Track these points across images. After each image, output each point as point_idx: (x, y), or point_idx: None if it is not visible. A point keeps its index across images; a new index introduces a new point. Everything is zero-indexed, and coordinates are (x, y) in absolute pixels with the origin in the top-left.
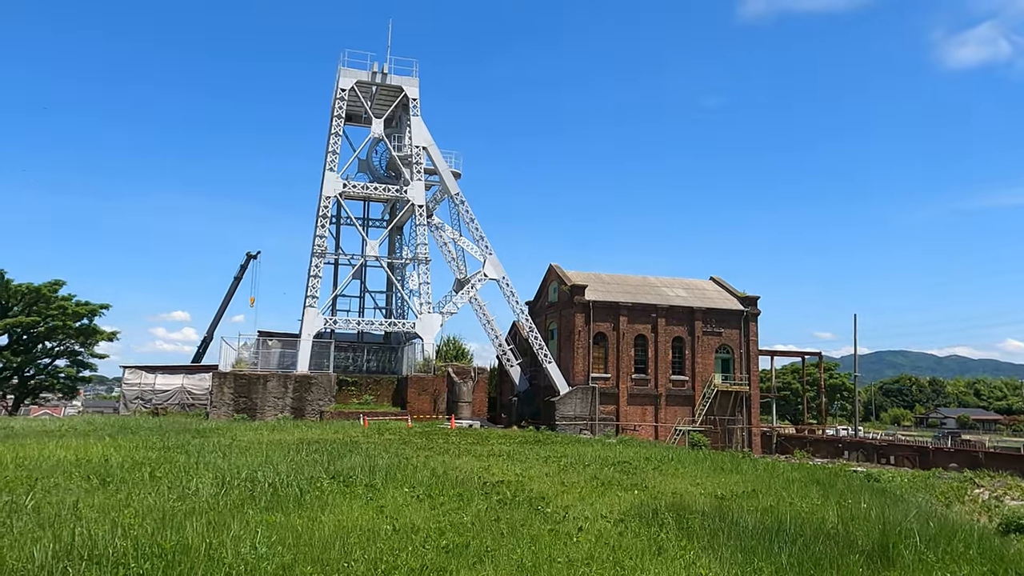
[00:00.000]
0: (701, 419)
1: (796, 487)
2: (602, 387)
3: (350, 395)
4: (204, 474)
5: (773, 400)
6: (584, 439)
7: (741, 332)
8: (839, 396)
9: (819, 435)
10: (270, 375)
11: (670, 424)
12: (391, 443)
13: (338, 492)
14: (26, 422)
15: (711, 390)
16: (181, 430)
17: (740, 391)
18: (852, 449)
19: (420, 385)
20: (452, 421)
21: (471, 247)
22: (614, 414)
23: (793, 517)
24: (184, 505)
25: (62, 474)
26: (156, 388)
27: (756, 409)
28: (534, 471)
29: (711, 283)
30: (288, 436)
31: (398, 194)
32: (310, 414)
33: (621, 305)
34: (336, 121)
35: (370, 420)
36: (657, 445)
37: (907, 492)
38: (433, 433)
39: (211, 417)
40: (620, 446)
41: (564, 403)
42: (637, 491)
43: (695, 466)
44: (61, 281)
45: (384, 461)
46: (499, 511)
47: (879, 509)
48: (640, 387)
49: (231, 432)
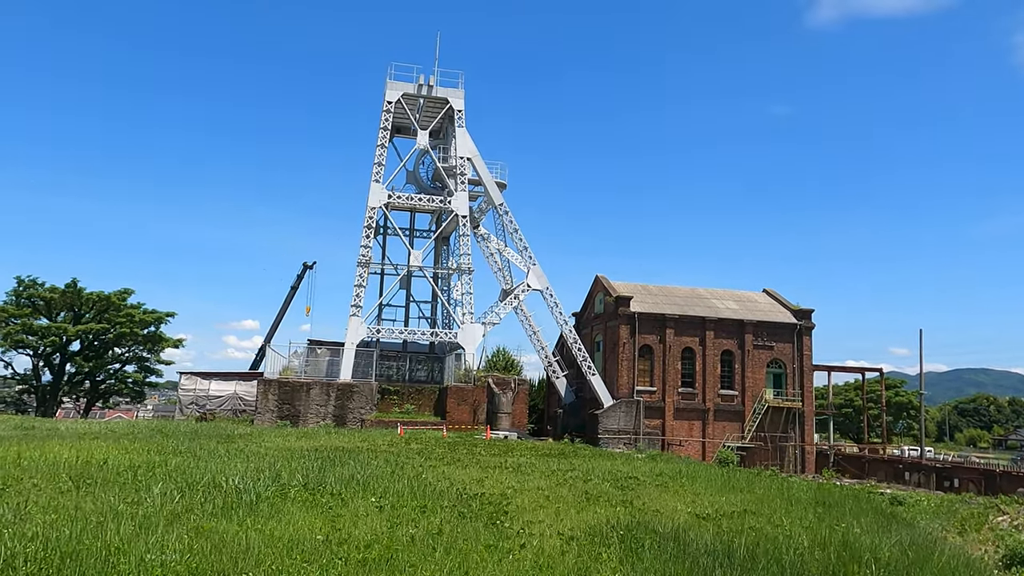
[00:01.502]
0: (751, 435)
1: (798, 508)
2: (647, 401)
3: (392, 404)
4: (175, 479)
5: (830, 417)
6: (615, 453)
7: (794, 346)
8: (905, 415)
9: (880, 455)
10: (313, 383)
11: (718, 440)
12: (410, 452)
13: (300, 501)
14: (77, 424)
15: (762, 405)
16: (213, 435)
17: (793, 407)
18: (913, 471)
19: (460, 395)
20: (488, 432)
21: (515, 257)
22: (660, 428)
23: (764, 540)
24: (131, 509)
25: (46, 475)
26: (210, 394)
27: (810, 426)
28: (530, 484)
29: (763, 295)
30: (311, 443)
31: (443, 205)
32: (351, 422)
33: (667, 317)
34: (382, 133)
35: (407, 429)
36: (688, 461)
37: (924, 518)
38: (462, 444)
39: (256, 423)
40: (645, 461)
41: (607, 416)
42: (620, 508)
43: (705, 483)
44: (130, 290)
45: (377, 470)
46: (452, 524)
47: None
48: (687, 401)
49: (259, 438)
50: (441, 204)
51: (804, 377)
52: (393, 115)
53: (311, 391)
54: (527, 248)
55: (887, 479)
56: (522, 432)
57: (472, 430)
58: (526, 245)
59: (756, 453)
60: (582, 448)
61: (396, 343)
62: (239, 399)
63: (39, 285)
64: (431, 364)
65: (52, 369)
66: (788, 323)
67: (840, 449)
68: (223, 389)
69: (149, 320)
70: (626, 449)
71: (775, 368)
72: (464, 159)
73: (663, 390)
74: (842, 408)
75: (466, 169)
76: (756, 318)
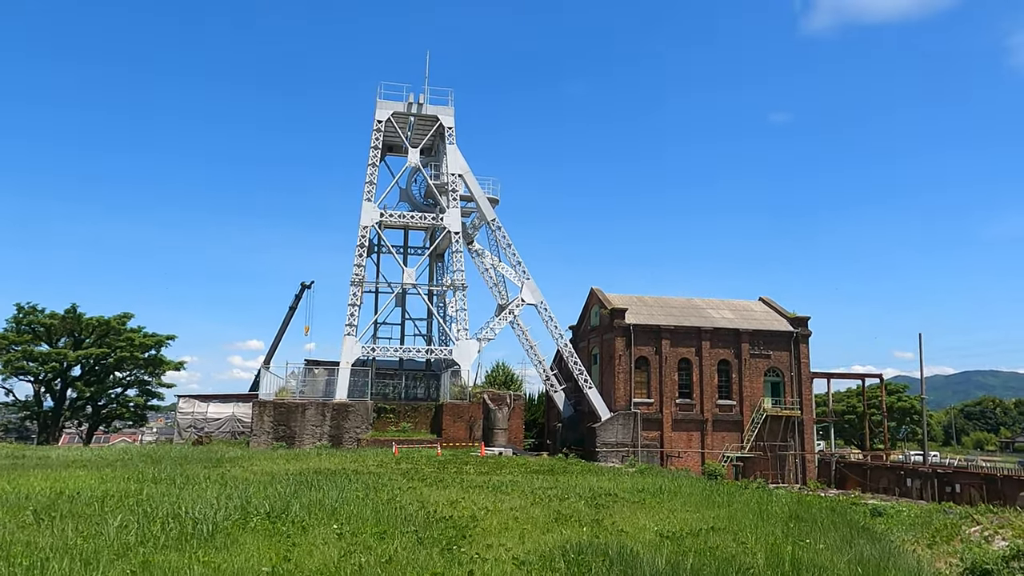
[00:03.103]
0: (750, 445)
1: (769, 524)
2: (644, 412)
3: (388, 422)
4: (141, 509)
5: (831, 425)
6: (605, 468)
7: (791, 354)
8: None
9: (883, 462)
10: (308, 403)
11: (717, 450)
12: (396, 473)
13: (260, 530)
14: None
15: (760, 415)
16: (202, 460)
17: (792, 416)
18: (915, 477)
19: (455, 412)
20: (482, 449)
21: (509, 272)
22: (658, 440)
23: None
24: (84, 543)
25: (12, 508)
26: (208, 417)
27: (810, 434)
28: (504, 504)
29: (759, 304)
30: (298, 466)
31: (435, 222)
32: (347, 442)
33: (663, 328)
34: (373, 152)
35: (402, 448)
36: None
37: (900, 530)
38: (454, 462)
39: (251, 445)
40: (632, 476)
41: (605, 429)
42: (586, 528)
43: (684, 499)
44: (130, 314)
45: (351, 494)
46: (408, 551)
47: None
48: (685, 412)
49: (248, 462)
50: (434, 221)
51: (802, 385)
52: (384, 134)
53: (306, 412)
54: (521, 263)
55: (890, 486)
56: (517, 448)
57: (468, 447)
58: (520, 260)
59: (756, 463)
60: (574, 463)
61: (392, 361)
62: (237, 421)
63: (39, 312)
64: (427, 381)
65: (53, 395)
66: (784, 331)
67: (843, 457)
68: (221, 412)
69: (149, 343)
70: (620, 463)
71: (773, 377)
72: (455, 176)
73: (660, 402)
74: (844, 415)
75: (458, 185)
76: (752, 327)
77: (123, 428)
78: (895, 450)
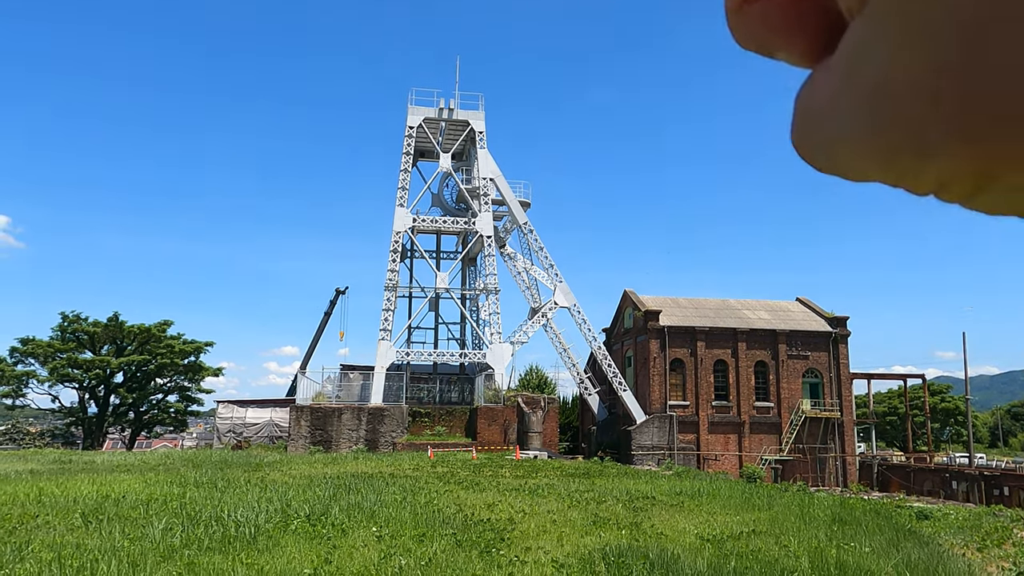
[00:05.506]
0: (789, 448)
1: (811, 527)
2: (680, 415)
3: (423, 426)
4: (185, 512)
5: (872, 426)
6: (641, 471)
7: (830, 355)
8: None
9: (927, 464)
10: (344, 408)
11: (755, 453)
12: (432, 476)
13: (301, 532)
14: (115, 456)
15: (799, 416)
16: (241, 464)
17: (831, 417)
18: (960, 480)
19: (490, 416)
20: (517, 452)
21: (542, 275)
22: (694, 443)
23: (760, 563)
24: (131, 546)
25: (62, 512)
26: (247, 421)
27: (851, 436)
28: (542, 507)
29: (796, 304)
30: (336, 469)
31: (467, 226)
32: (383, 445)
33: (698, 330)
34: (405, 158)
35: (437, 452)
36: (713, 478)
37: (948, 533)
38: (489, 465)
39: (289, 450)
40: (669, 479)
41: (640, 432)
42: (625, 531)
43: (723, 502)
44: (169, 321)
45: (389, 497)
46: (447, 553)
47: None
48: (721, 414)
49: (287, 466)
50: (466, 225)
51: (842, 386)
52: (415, 139)
53: (342, 416)
54: (553, 266)
55: (934, 488)
56: (552, 451)
57: (503, 450)
58: (552, 263)
59: (795, 466)
60: (611, 466)
61: (426, 365)
62: (275, 426)
63: (83, 320)
64: (462, 385)
65: (97, 401)
66: (823, 331)
67: (885, 459)
68: (259, 416)
69: (189, 350)
70: (656, 466)
71: (811, 378)
72: (487, 179)
73: (696, 404)
74: (886, 416)
75: (489, 189)
76: (789, 327)
77: (164, 433)
78: (939, 452)
